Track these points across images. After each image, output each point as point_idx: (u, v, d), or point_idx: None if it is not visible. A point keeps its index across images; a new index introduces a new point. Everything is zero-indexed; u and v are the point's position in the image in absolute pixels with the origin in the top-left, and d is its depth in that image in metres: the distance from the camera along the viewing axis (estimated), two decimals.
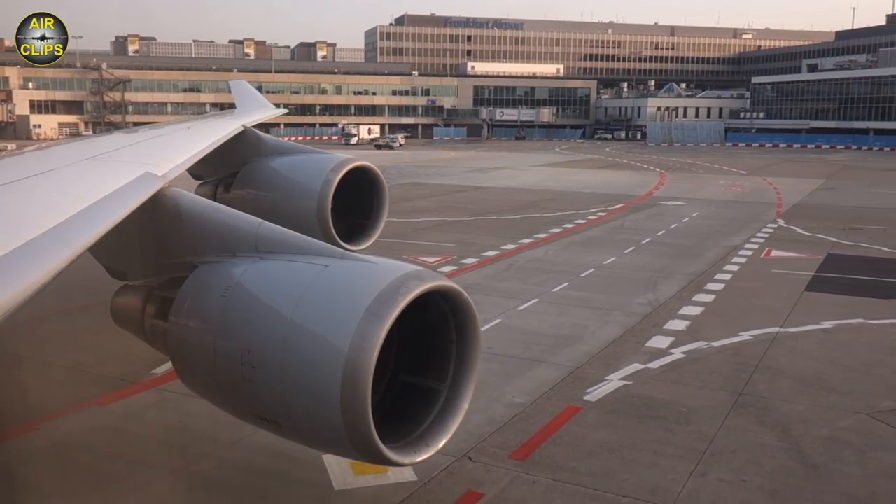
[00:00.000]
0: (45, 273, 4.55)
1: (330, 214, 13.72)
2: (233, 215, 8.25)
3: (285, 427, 7.06)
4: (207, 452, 10.81)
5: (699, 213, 37.34)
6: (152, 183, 7.54)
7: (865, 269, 24.41)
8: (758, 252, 26.96)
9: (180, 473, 10.33)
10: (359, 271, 7.01)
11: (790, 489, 9.88)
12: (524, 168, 67.52)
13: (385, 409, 7.14)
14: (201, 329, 7.43)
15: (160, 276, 8.52)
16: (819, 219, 35.51)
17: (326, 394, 6.34)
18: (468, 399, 7.51)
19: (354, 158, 14.73)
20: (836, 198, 45.11)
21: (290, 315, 6.67)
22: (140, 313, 8.45)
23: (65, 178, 7.48)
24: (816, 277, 22.92)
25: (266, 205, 14.26)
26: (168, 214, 8.07)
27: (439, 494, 9.58)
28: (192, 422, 11.53)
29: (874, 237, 30.19)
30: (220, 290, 7.30)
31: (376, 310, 6.34)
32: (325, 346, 6.43)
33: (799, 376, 14.17)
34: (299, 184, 14.33)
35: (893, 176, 62.21)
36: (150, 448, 11.06)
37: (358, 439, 6.47)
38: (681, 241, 28.93)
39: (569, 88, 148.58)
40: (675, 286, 21.24)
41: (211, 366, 7.27)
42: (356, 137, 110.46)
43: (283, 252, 7.44)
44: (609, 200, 41.99)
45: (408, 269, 6.99)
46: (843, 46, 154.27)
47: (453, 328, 7.38)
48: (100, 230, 5.69)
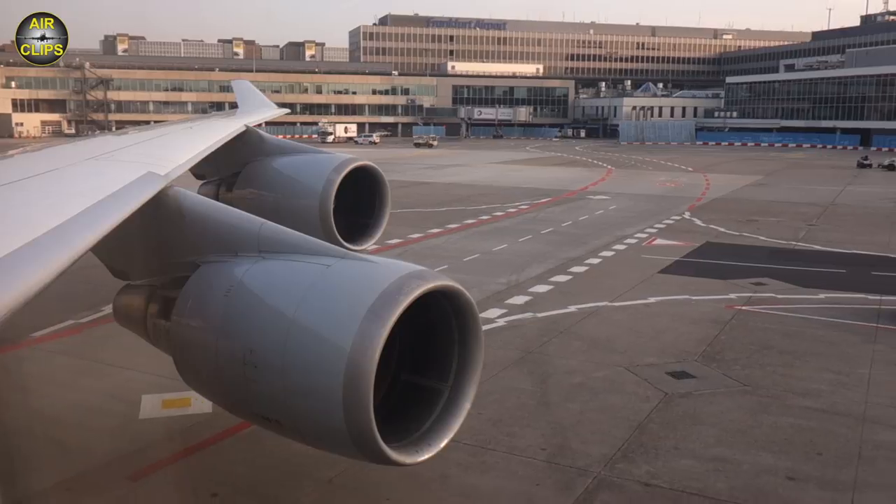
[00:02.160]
0: (47, 273, 4.55)
1: (332, 214, 13.80)
2: (235, 215, 8.33)
3: (287, 427, 7.18)
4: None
5: (616, 207, 39.61)
6: (154, 182, 7.56)
7: (728, 255, 26.70)
8: (643, 241, 29.25)
9: None
10: (361, 271, 7.07)
11: (511, 419, 12.13)
12: (479, 165, 69.76)
13: (387, 409, 7.19)
14: (203, 328, 7.50)
15: (162, 275, 8.60)
16: (725, 212, 37.83)
17: (328, 393, 6.39)
18: (470, 399, 7.55)
19: (357, 158, 14.83)
20: (758, 193, 47.37)
21: (292, 315, 6.73)
22: (142, 313, 8.55)
23: (67, 178, 7.50)
24: (678, 262, 25.21)
25: (268, 204, 14.31)
26: (170, 214, 8.12)
27: (223, 421, 11.81)
28: None
29: (763, 228, 32.49)
30: (223, 290, 7.36)
31: (378, 310, 6.40)
32: (328, 345, 6.50)
33: (592, 339, 16.43)
34: (301, 183, 14.35)
35: (834, 173, 64.47)
36: None
37: (360, 439, 6.52)
38: (579, 231, 31.21)
39: (547, 88, 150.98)
40: (542, 269, 23.49)
41: (213, 365, 7.36)
42: (332, 136, 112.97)
43: (285, 252, 7.51)
44: (540, 195, 44.24)
45: (410, 268, 7.05)
46: (819, 47, 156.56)
47: (455, 328, 7.45)
48: (102, 230, 5.70)
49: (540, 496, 9.87)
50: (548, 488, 10.03)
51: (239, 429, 11.19)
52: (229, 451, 11.06)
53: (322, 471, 10.08)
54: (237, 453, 10.96)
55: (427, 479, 10.05)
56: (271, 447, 10.45)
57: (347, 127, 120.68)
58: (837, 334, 17.15)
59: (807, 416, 12.45)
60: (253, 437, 10.84)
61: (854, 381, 14.17)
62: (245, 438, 11.11)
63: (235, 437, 11.24)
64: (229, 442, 11.20)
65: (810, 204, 41.43)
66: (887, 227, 32.94)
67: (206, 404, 12.17)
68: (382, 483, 9.97)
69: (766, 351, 15.89)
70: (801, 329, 17.50)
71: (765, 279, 22.66)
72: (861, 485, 10.11)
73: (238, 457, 10.85)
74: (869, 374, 14.57)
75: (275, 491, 9.86)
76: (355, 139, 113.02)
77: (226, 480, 10.24)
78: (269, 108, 21.19)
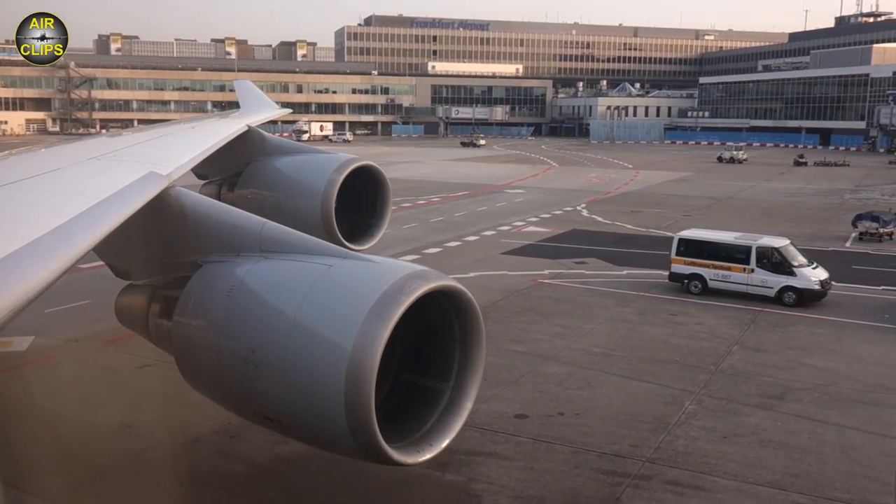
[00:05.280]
0: (50, 273, 4.53)
1: (334, 214, 13.84)
2: (237, 215, 8.32)
3: (289, 426, 7.19)
4: None
5: (522, 200, 42.64)
6: (156, 182, 7.58)
7: (582, 240, 29.74)
8: (517, 228, 32.27)
9: None
10: (362, 271, 7.10)
11: None
12: (430, 162, 72.82)
13: (388, 409, 7.20)
14: (205, 328, 7.48)
15: (164, 275, 8.60)
16: (620, 204, 40.89)
17: (330, 393, 6.41)
18: (472, 399, 7.53)
19: (358, 158, 14.84)
20: (671, 188, 50.24)
21: (293, 315, 6.75)
22: (144, 312, 8.55)
23: (69, 178, 7.51)
24: (528, 245, 28.30)
25: (270, 204, 14.32)
26: (172, 214, 8.13)
27: (30, 356, 14.96)
28: None
29: (638, 218, 35.51)
30: (224, 290, 7.36)
31: (380, 310, 6.42)
32: (329, 345, 6.52)
33: None
34: (303, 183, 14.38)
35: (767, 170, 67.13)
36: None
37: (361, 439, 6.54)
38: (465, 221, 34.22)
39: (525, 87, 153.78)
40: (400, 250, 26.50)
41: (215, 365, 7.35)
42: (307, 134, 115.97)
43: (287, 252, 7.52)
44: (459, 189, 47.25)
45: (411, 269, 7.06)
46: (795, 48, 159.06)
47: (457, 328, 7.44)
48: (104, 230, 5.71)
49: None
50: None
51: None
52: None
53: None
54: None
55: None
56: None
57: (323, 125, 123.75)
58: (600, 300, 20.25)
59: (507, 356, 15.53)
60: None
61: (573, 333, 17.27)
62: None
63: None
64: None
65: (709, 198, 44.38)
66: (752, 218, 35.90)
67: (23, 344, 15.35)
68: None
69: (527, 312, 18.96)
70: (573, 297, 20.57)
71: (590, 259, 25.75)
72: (493, 398, 13.16)
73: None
74: (592, 328, 17.64)
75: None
76: (330, 137, 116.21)
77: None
78: (272, 108, 21.34)
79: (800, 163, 71.79)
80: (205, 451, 11.32)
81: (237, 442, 11.39)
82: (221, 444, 11.40)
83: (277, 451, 11.02)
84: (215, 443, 11.45)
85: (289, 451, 10.86)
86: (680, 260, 21.29)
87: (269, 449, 11.09)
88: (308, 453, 10.15)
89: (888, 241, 29.42)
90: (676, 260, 21.37)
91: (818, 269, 20.29)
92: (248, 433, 11.22)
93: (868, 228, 29.71)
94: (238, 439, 11.41)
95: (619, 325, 18.09)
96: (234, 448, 11.29)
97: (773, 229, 31.81)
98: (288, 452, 10.88)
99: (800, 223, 34.47)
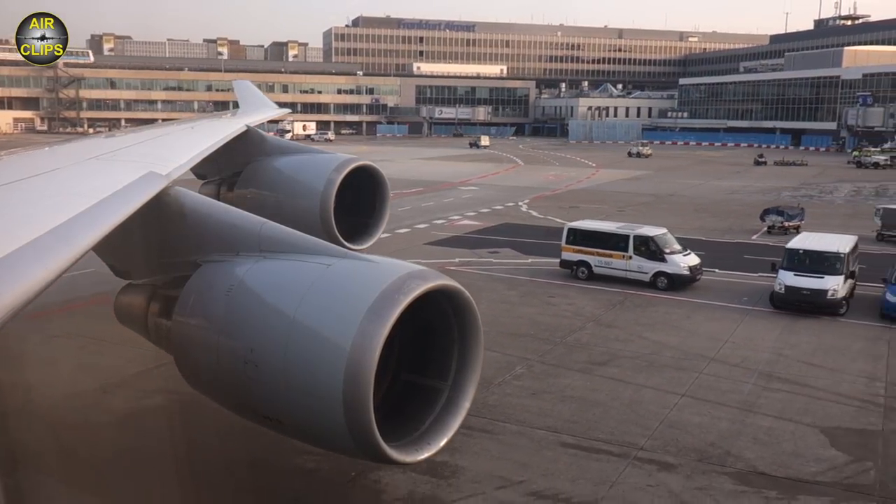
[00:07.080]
0: (49, 272, 4.52)
1: (332, 214, 13.86)
2: (236, 214, 8.38)
3: (288, 426, 7.27)
4: None
5: (471, 196, 44.56)
6: (156, 182, 7.57)
7: (509, 232, 31.66)
8: (450, 222, 34.17)
9: None
10: (361, 271, 7.15)
11: None
12: (400, 161, 74.55)
13: (387, 408, 7.26)
14: (204, 328, 7.52)
15: (164, 274, 8.64)
16: (563, 200, 42.88)
17: (329, 393, 6.45)
18: (470, 398, 7.57)
19: (357, 158, 14.84)
20: (619, 186, 52.13)
21: (292, 314, 6.77)
22: (144, 311, 8.60)
23: (69, 178, 7.50)
24: (454, 237, 30.22)
25: (269, 204, 14.37)
26: (172, 214, 8.15)
27: None
28: None
29: (573, 213, 37.34)
30: (224, 289, 7.39)
31: (378, 309, 6.46)
32: (328, 345, 6.55)
33: None
34: (302, 183, 14.43)
35: (725, 169, 68.95)
36: None
37: (360, 438, 6.58)
38: (405, 215, 36.04)
39: (509, 88, 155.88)
40: None
41: (214, 364, 7.39)
42: (290, 133, 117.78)
43: (286, 251, 7.57)
44: (415, 185, 49.15)
45: (410, 268, 7.14)
46: (776, 49, 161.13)
47: (455, 327, 7.50)
48: (104, 229, 5.72)
49: None
50: None
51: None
52: None
53: None
54: None
55: None
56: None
57: (306, 125, 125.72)
58: (492, 284, 22.21)
59: None
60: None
61: None
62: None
63: None
64: None
65: (651, 195, 46.28)
66: (681, 213, 37.84)
67: None
68: None
69: None
70: (470, 282, 22.38)
71: (504, 249, 27.69)
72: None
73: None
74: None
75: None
76: (312, 136, 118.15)
77: None
78: (271, 108, 21.47)
79: (759, 162, 73.85)
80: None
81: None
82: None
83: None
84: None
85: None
86: (569, 248, 23.24)
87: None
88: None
89: (794, 234, 31.39)
90: (566, 248, 23.32)
91: (689, 255, 22.24)
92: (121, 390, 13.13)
93: (774, 222, 31.72)
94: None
95: (499, 305, 20.01)
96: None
97: (692, 223, 33.96)
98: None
99: (723, 218, 36.47)
